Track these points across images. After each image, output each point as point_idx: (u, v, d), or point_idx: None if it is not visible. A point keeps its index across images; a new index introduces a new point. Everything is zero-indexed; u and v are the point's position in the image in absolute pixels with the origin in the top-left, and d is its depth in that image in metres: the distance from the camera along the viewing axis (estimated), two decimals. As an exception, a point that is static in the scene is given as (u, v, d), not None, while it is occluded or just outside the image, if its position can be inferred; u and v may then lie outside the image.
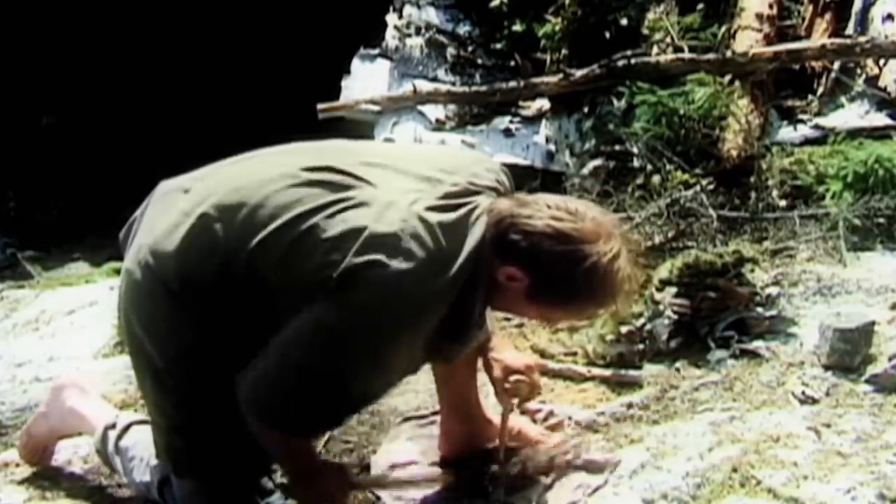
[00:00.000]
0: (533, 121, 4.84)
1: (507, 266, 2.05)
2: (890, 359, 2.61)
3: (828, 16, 4.56)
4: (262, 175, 2.13)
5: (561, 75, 4.59)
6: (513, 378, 2.34)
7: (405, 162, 2.17)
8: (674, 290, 2.98)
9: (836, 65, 4.35)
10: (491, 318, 2.34)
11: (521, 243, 2.03)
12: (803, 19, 4.63)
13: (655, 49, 4.51)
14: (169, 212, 2.16)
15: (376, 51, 5.39)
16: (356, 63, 5.35)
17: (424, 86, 4.99)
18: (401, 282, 1.96)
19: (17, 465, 2.73)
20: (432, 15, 5.42)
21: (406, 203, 2.02)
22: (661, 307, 2.95)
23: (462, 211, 2.05)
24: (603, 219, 2.07)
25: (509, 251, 2.04)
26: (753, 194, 3.73)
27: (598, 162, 4.33)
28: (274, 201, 2.06)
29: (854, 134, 3.96)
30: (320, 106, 4.95)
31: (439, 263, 1.99)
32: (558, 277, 2.04)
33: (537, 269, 2.04)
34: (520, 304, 2.14)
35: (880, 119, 4.14)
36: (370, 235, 1.97)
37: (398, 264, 1.95)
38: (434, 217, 2.01)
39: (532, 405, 2.62)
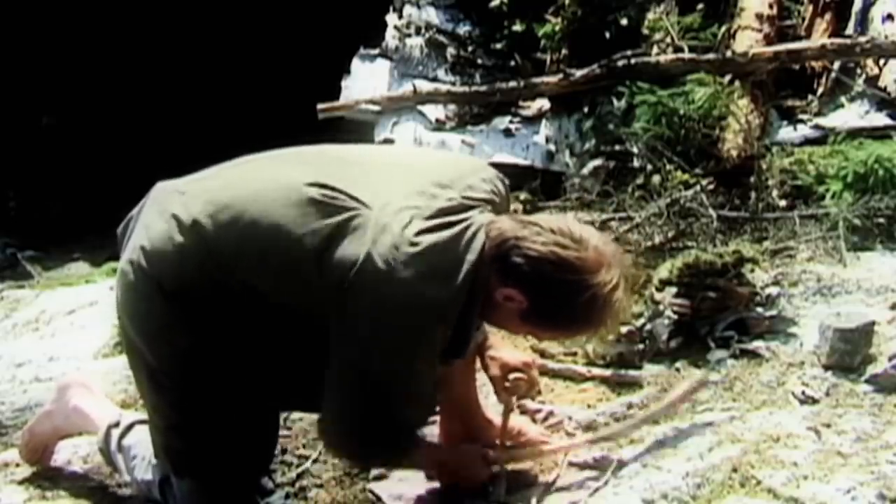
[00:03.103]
0: (533, 121, 4.84)
1: (507, 287, 2.07)
2: (890, 359, 2.61)
3: (828, 16, 4.56)
4: (260, 187, 2.13)
5: (561, 75, 4.59)
6: (511, 376, 2.35)
7: (401, 173, 2.17)
8: (674, 290, 2.98)
9: (836, 65, 4.35)
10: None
11: (523, 267, 2.04)
12: (803, 19, 4.63)
13: (655, 49, 4.51)
14: (164, 214, 2.16)
15: (376, 51, 5.38)
16: (356, 63, 5.35)
17: (424, 86, 4.99)
18: (398, 310, 1.99)
19: (17, 465, 2.73)
20: (432, 15, 5.42)
21: (399, 226, 2.02)
22: (661, 307, 2.95)
23: (456, 229, 2.06)
24: (604, 248, 2.09)
25: (510, 273, 2.06)
26: (753, 194, 3.73)
27: (598, 162, 4.33)
28: (270, 220, 2.07)
29: (854, 134, 3.96)
30: (320, 106, 4.95)
31: (433, 287, 2.01)
32: (557, 304, 2.07)
33: (537, 294, 2.06)
34: (512, 322, 2.17)
35: (880, 119, 4.14)
36: (364, 265, 1.99)
37: (393, 293, 1.98)
38: (428, 239, 2.02)
39: (532, 405, 2.62)
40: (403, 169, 2.21)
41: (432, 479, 2.38)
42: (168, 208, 2.16)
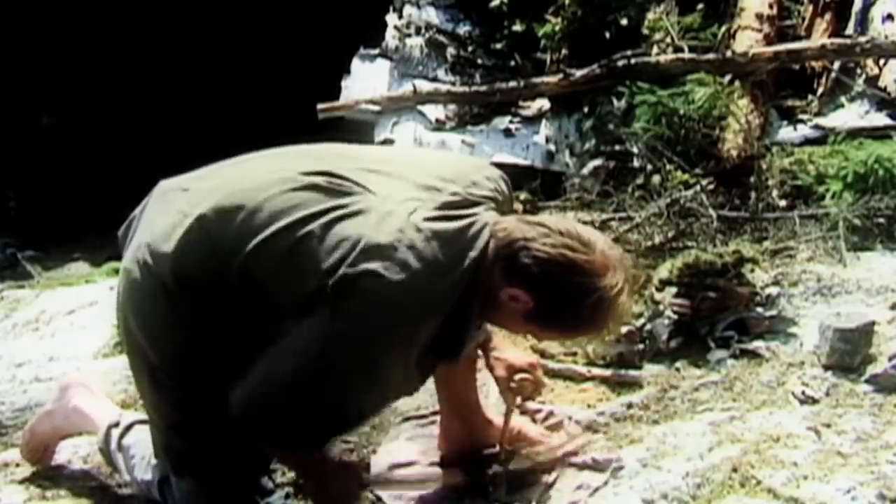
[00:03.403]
0: (533, 121, 4.84)
1: (513, 288, 2.06)
2: (890, 359, 2.61)
3: (828, 16, 4.56)
4: (261, 178, 2.13)
5: (561, 75, 4.59)
6: (517, 377, 2.34)
7: (404, 169, 2.17)
8: (674, 290, 2.98)
9: (836, 65, 4.35)
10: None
11: (531, 268, 2.04)
12: (803, 19, 4.64)
13: (655, 49, 4.51)
14: (168, 211, 2.16)
15: (376, 51, 5.39)
16: (356, 63, 5.35)
17: (424, 86, 4.99)
18: (395, 293, 1.96)
19: (18, 465, 2.73)
20: (432, 15, 5.42)
21: (404, 212, 2.02)
22: (661, 307, 2.95)
23: (461, 223, 2.05)
24: (610, 251, 2.09)
25: (518, 274, 2.05)
26: (753, 194, 3.73)
27: (598, 162, 4.34)
28: (271, 205, 2.06)
29: (854, 134, 3.96)
30: (320, 106, 4.95)
31: (435, 275, 1.99)
32: (565, 306, 2.07)
33: (545, 296, 2.06)
34: (515, 322, 2.16)
35: (880, 119, 4.14)
36: (366, 245, 1.97)
37: (393, 275, 1.96)
38: (432, 228, 2.01)
39: (532, 405, 2.62)
40: (406, 165, 2.21)
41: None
42: (172, 206, 2.17)
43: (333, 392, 2.00)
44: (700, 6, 4.57)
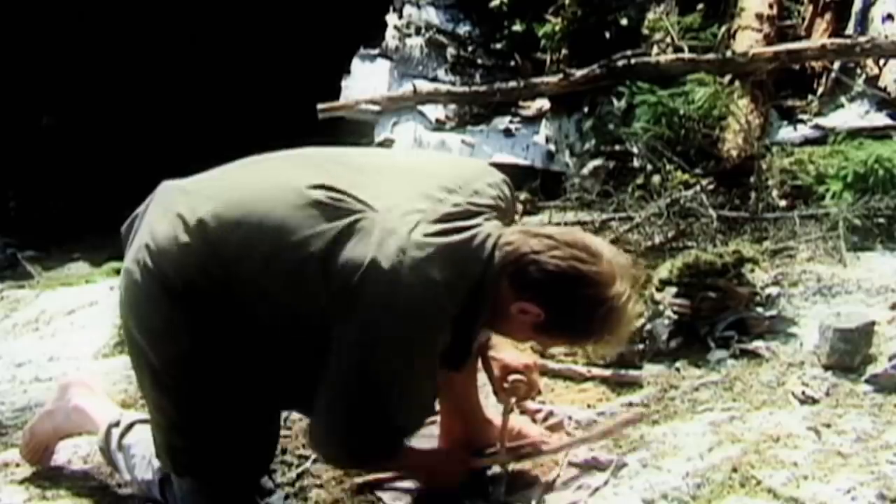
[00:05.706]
0: (533, 121, 4.84)
1: (524, 302, 2.08)
2: (890, 359, 2.61)
3: (828, 16, 4.57)
4: (264, 190, 2.13)
5: (561, 75, 4.60)
6: (511, 377, 2.35)
7: (406, 177, 2.17)
8: (674, 290, 2.98)
9: (836, 65, 4.36)
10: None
11: (542, 282, 2.06)
12: (803, 19, 4.64)
13: (655, 49, 4.52)
14: (169, 214, 2.15)
15: (376, 51, 5.39)
16: (356, 63, 5.35)
17: (424, 86, 5.00)
18: (403, 314, 1.99)
19: (18, 465, 2.73)
20: (432, 15, 5.43)
21: (406, 229, 2.03)
22: (661, 307, 2.95)
23: (463, 236, 2.06)
24: (616, 258, 2.12)
25: (528, 287, 2.07)
26: (753, 194, 3.73)
27: (598, 162, 4.34)
28: (273, 222, 2.07)
29: (854, 134, 3.97)
30: (320, 106, 4.95)
31: (439, 292, 2.02)
32: (575, 317, 2.10)
33: (557, 309, 2.08)
34: (524, 333, 2.19)
35: (880, 119, 4.14)
36: (370, 268, 1.99)
37: (399, 297, 1.98)
38: (434, 244, 2.03)
39: (532, 405, 2.63)
40: (408, 172, 2.21)
41: (410, 480, 2.39)
42: (173, 208, 2.16)
43: (380, 411, 2.09)
44: (700, 6, 4.57)
